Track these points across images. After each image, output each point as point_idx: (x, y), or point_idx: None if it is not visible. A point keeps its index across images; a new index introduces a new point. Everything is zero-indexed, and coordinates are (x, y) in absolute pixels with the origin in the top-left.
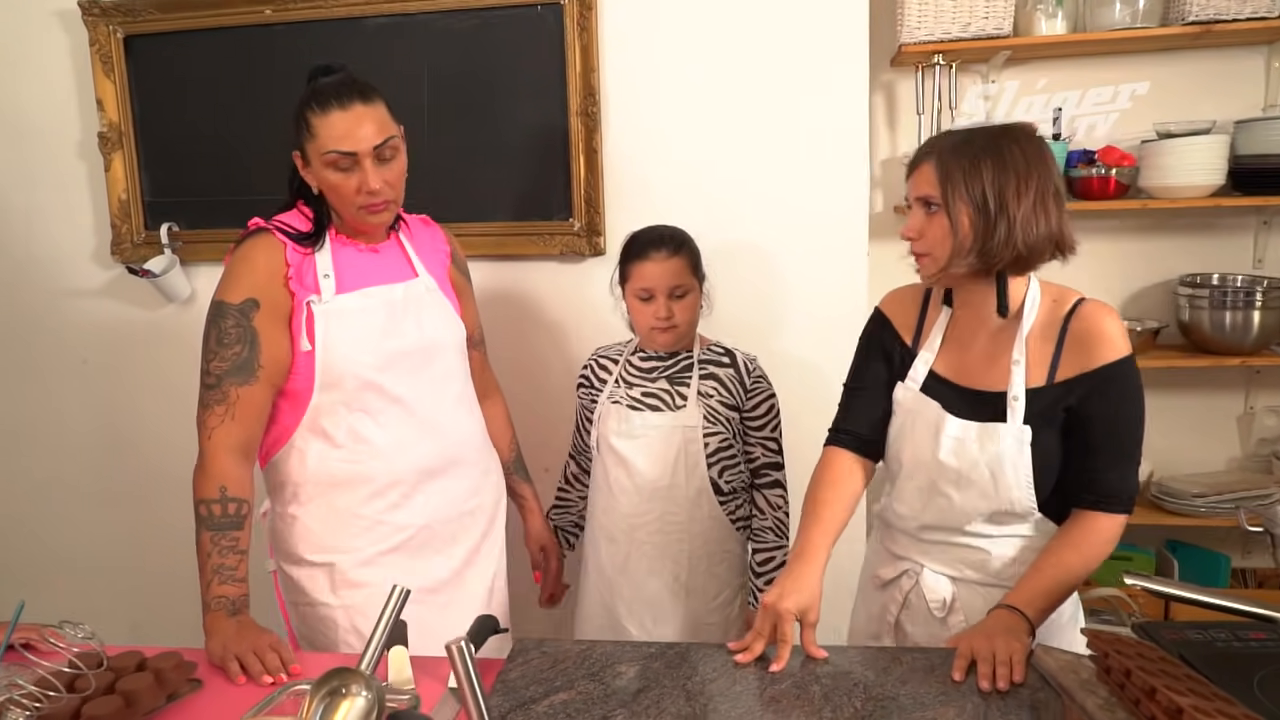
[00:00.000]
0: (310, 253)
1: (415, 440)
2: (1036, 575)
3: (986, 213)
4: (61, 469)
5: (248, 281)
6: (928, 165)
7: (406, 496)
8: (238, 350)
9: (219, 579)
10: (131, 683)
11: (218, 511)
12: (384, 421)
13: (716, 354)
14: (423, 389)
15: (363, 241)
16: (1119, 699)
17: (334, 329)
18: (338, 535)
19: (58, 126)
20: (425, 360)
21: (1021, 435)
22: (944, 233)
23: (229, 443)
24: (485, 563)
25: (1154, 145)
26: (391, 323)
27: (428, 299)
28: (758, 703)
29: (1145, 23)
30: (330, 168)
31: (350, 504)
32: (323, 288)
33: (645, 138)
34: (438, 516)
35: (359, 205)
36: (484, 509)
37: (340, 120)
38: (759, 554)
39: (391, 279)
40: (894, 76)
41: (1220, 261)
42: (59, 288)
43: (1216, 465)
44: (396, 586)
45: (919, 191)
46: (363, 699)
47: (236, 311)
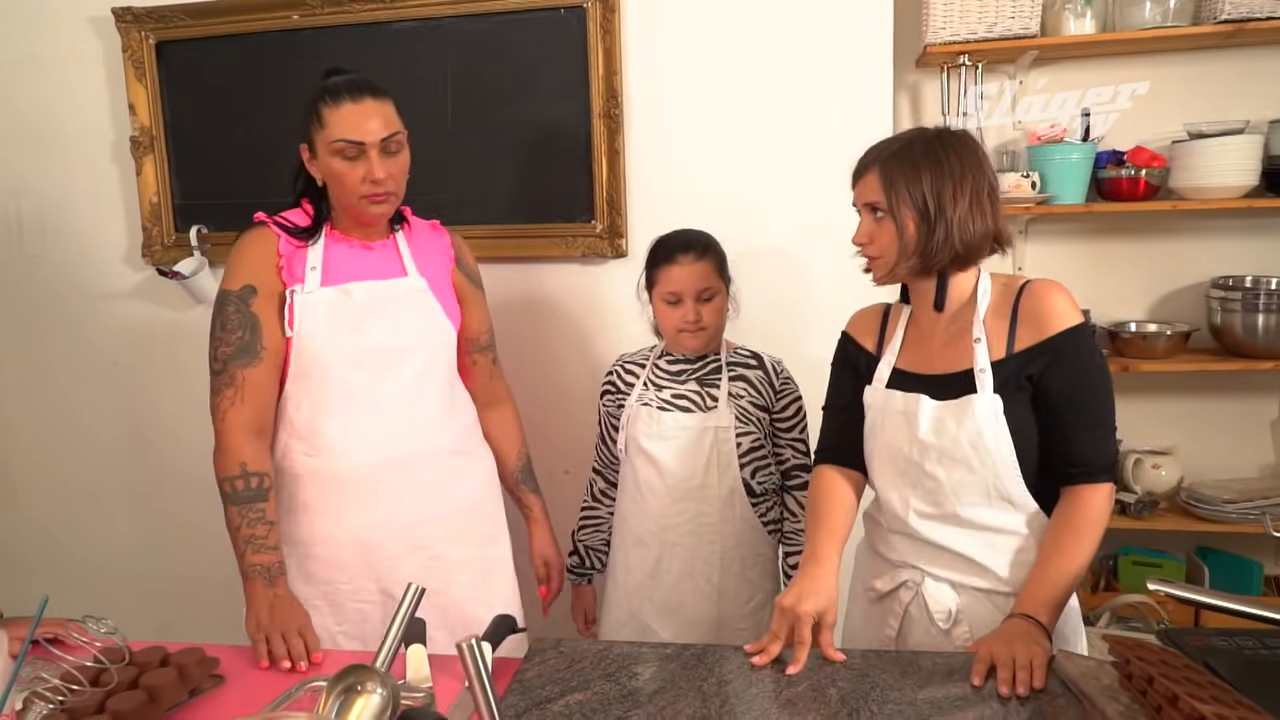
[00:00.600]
0: (304, 246)
1: (374, 439)
2: (1040, 574)
3: (928, 216)
4: (89, 470)
5: (244, 270)
6: (872, 174)
7: (360, 496)
8: (240, 335)
9: (251, 549)
10: (154, 678)
11: (240, 487)
12: (345, 419)
13: (744, 356)
14: (389, 388)
15: (357, 238)
16: (1141, 705)
17: (309, 318)
18: (296, 528)
19: (91, 131)
20: (396, 359)
21: (994, 404)
22: (891, 237)
23: (242, 423)
24: (465, 568)
25: (1185, 146)
26: (364, 320)
27: (411, 299)
28: (774, 705)
29: (1176, 21)
30: (338, 156)
31: (306, 498)
32: (308, 279)
33: (668, 140)
34: (394, 519)
35: (362, 194)
36: (453, 517)
37: (351, 112)
38: (792, 556)
39: (378, 276)
40: (919, 77)
41: (1253, 264)
42: (91, 290)
43: (1248, 471)
44: (411, 585)
45: (866, 199)
46: (378, 696)
47: (236, 298)
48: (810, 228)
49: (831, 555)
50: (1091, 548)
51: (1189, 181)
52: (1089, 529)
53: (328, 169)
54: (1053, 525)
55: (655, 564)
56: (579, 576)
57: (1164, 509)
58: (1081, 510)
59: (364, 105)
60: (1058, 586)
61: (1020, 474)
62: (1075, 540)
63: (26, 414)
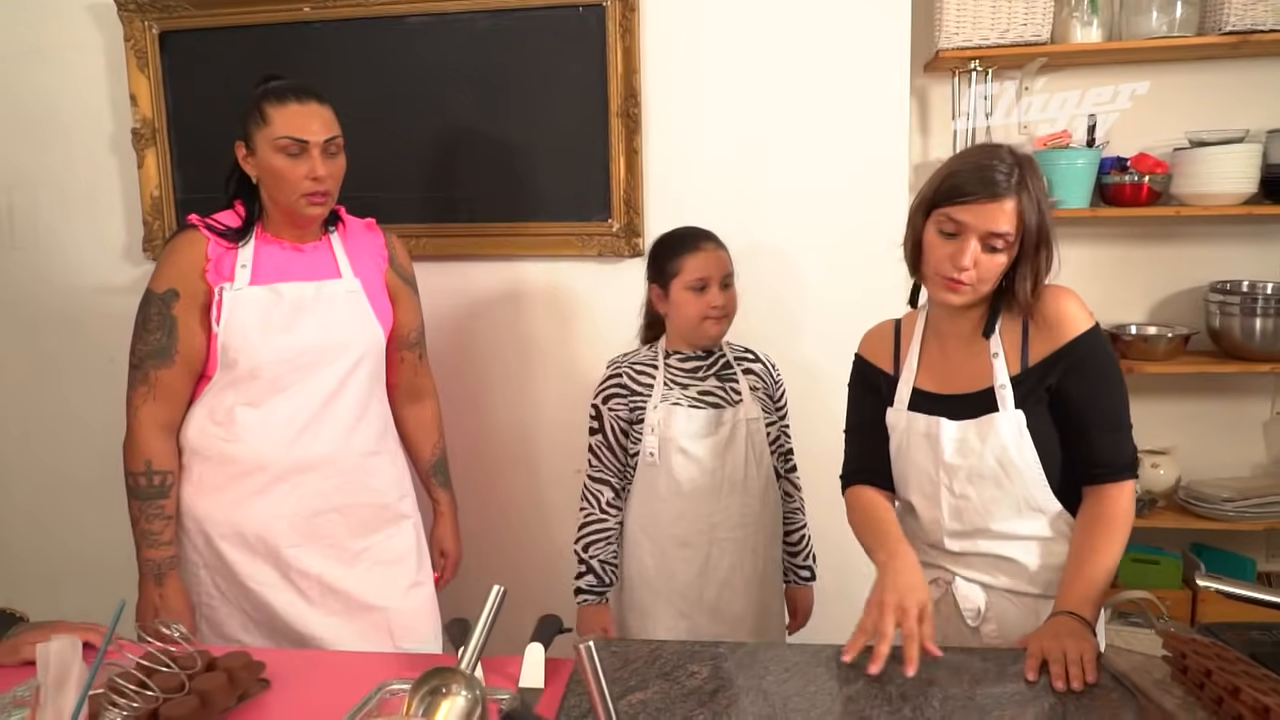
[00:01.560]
0: (234, 247)
1: (289, 434)
2: (1078, 573)
3: (1043, 245)
4: (84, 466)
5: (170, 273)
6: (1009, 201)
7: (270, 485)
8: (158, 336)
9: (146, 543)
10: (205, 682)
11: (144, 484)
12: (262, 411)
13: (741, 351)
14: (311, 387)
15: (289, 239)
16: (1197, 698)
17: (236, 316)
18: (205, 505)
19: (90, 122)
20: (321, 359)
21: (1017, 420)
22: (1000, 268)
23: (153, 419)
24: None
25: (1187, 153)
26: (293, 320)
27: (343, 300)
28: (836, 702)
29: (1182, 31)
30: (280, 153)
31: (216, 480)
32: (237, 277)
33: (686, 140)
34: (300, 510)
35: (302, 193)
36: (358, 512)
37: (297, 112)
38: (792, 533)
39: (309, 277)
40: (926, 81)
41: (1250, 269)
42: (89, 284)
43: (1242, 470)
44: (496, 587)
45: (994, 227)
46: (463, 699)
47: (159, 300)
48: (826, 229)
49: (911, 553)
50: (1123, 542)
51: (1190, 188)
52: (1119, 525)
53: (268, 166)
54: (1082, 524)
55: (704, 563)
56: (597, 596)
57: (1162, 507)
58: (1110, 508)
59: (309, 107)
60: (1095, 582)
61: (1048, 483)
62: (1108, 538)
63: (21, 408)
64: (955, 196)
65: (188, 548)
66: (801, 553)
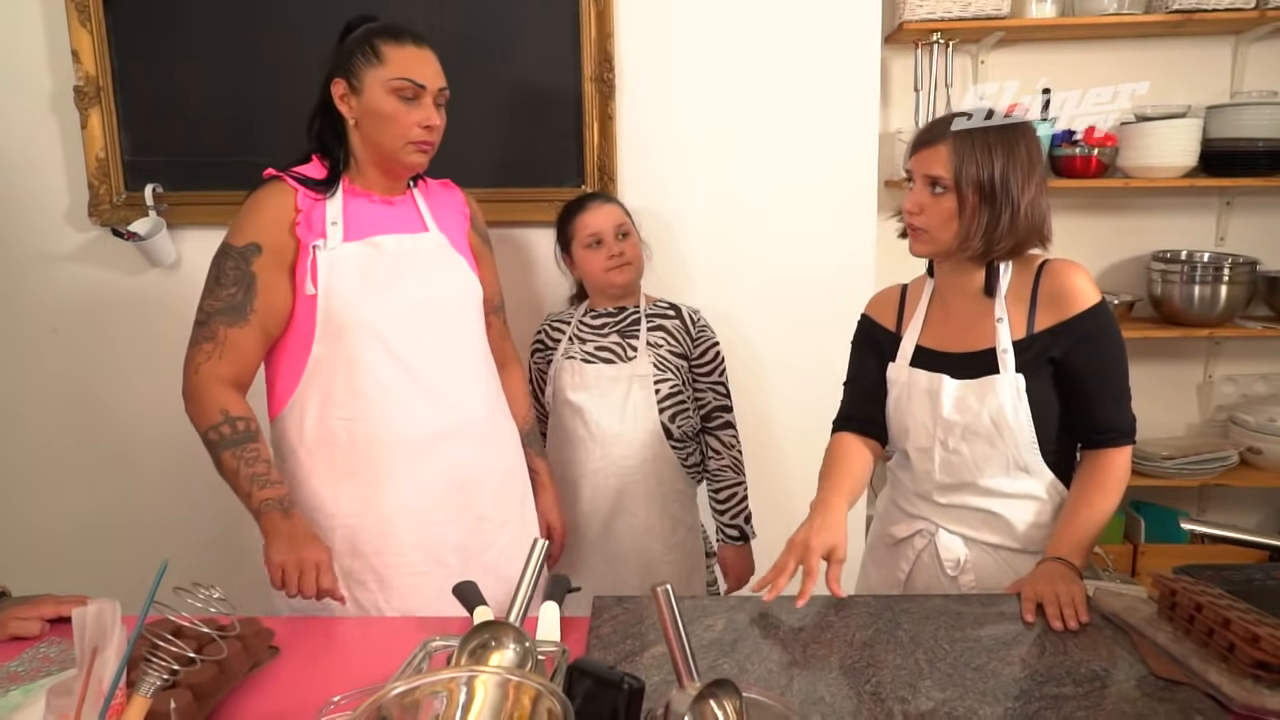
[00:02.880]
0: (322, 199)
1: (417, 401)
2: (1070, 523)
3: (994, 200)
4: (27, 445)
5: (252, 226)
6: (943, 146)
7: (408, 460)
8: (233, 292)
9: (257, 486)
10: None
11: (228, 432)
12: (385, 380)
13: (662, 308)
14: (428, 346)
15: (377, 193)
16: (1187, 632)
17: (336, 275)
18: (337, 498)
19: (27, 79)
20: (430, 316)
21: (1017, 383)
22: (948, 214)
23: (218, 375)
24: (506, 529)
25: (1133, 127)
26: (395, 274)
27: (438, 254)
28: (852, 647)
29: (1132, 9)
30: (395, 95)
31: (350, 466)
32: (330, 234)
33: (660, 106)
34: (443, 483)
35: (411, 139)
36: (495, 476)
37: (416, 55)
38: (722, 491)
39: (401, 230)
40: (888, 53)
41: (1190, 239)
42: (26, 251)
43: (1177, 430)
44: (537, 540)
45: (929, 170)
46: (512, 651)
47: (238, 254)
48: (796, 195)
49: (840, 503)
50: (1115, 503)
51: (1136, 160)
52: (1114, 486)
53: (376, 109)
54: (1079, 482)
55: (588, 506)
56: None
57: None
58: (1108, 469)
59: (425, 52)
60: (1086, 533)
61: (1039, 447)
62: (1102, 496)
63: None
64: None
65: None
66: (728, 511)
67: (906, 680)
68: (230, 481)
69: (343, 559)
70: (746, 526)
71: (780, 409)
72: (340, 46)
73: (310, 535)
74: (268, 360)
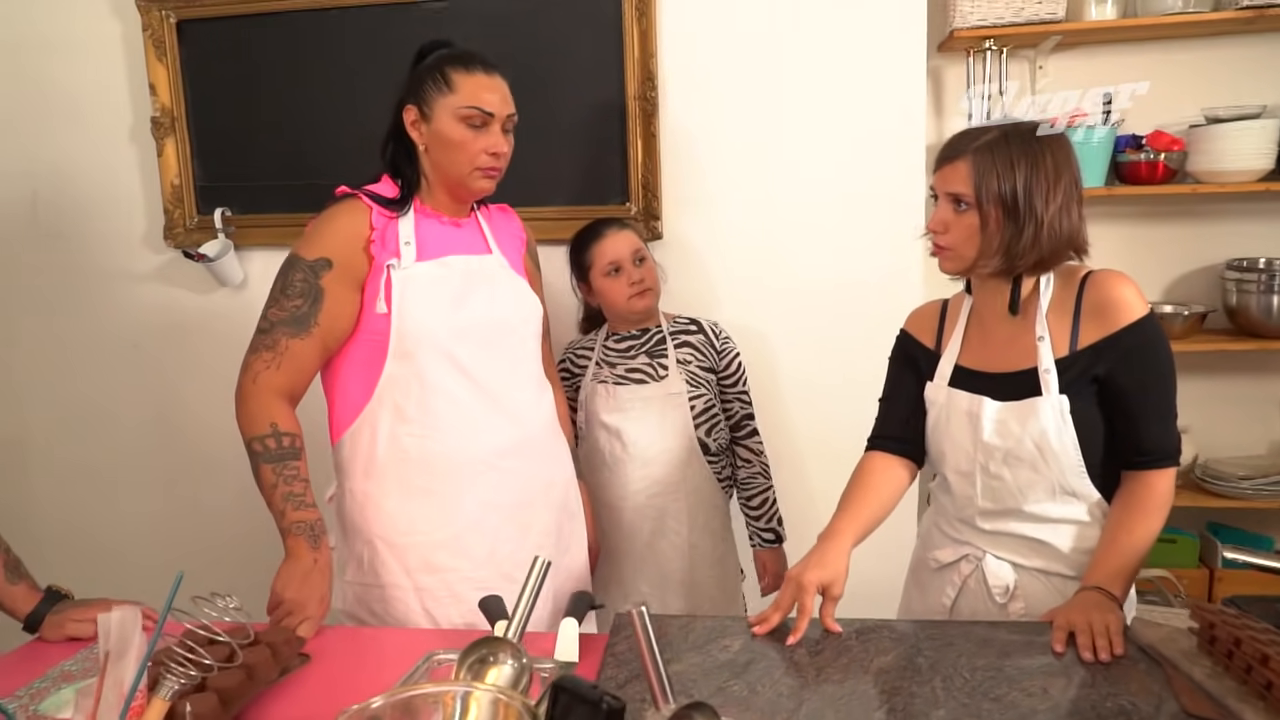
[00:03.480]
0: (395, 218)
1: (487, 417)
2: (1110, 550)
3: (1016, 214)
4: (107, 454)
5: (326, 242)
6: (962, 162)
7: (479, 476)
8: (299, 303)
9: (292, 505)
10: (249, 656)
11: (273, 445)
12: (457, 397)
13: (683, 324)
14: (495, 364)
15: (446, 214)
16: (1226, 668)
17: (410, 294)
18: (411, 515)
19: (110, 111)
20: (497, 335)
21: (1061, 405)
22: (971, 231)
23: (273, 386)
24: (566, 544)
25: (1202, 130)
26: (465, 293)
27: (501, 275)
28: (867, 673)
29: (1197, 7)
30: (464, 123)
31: (424, 483)
32: (403, 254)
33: (703, 123)
34: (511, 498)
35: (478, 166)
36: (555, 490)
37: (485, 82)
38: (753, 497)
39: (468, 251)
40: (940, 62)
41: (1267, 246)
42: (110, 272)
43: (1259, 449)
44: (538, 558)
45: (950, 188)
46: (509, 667)
47: (307, 267)
48: (843, 210)
49: (847, 534)
50: (1158, 527)
51: (1206, 165)
52: (1156, 510)
53: (445, 136)
54: (1120, 505)
55: (630, 528)
56: None
57: (1179, 486)
58: (1150, 492)
59: (494, 79)
60: (1127, 560)
61: (1085, 469)
62: (1145, 520)
63: (44, 396)
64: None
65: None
66: (763, 516)
67: (919, 709)
68: (266, 495)
69: (418, 576)
70: (780, 529)
71: (828, 425)
72: (413, 72)
73: (324, 580)
74: (332, 379)
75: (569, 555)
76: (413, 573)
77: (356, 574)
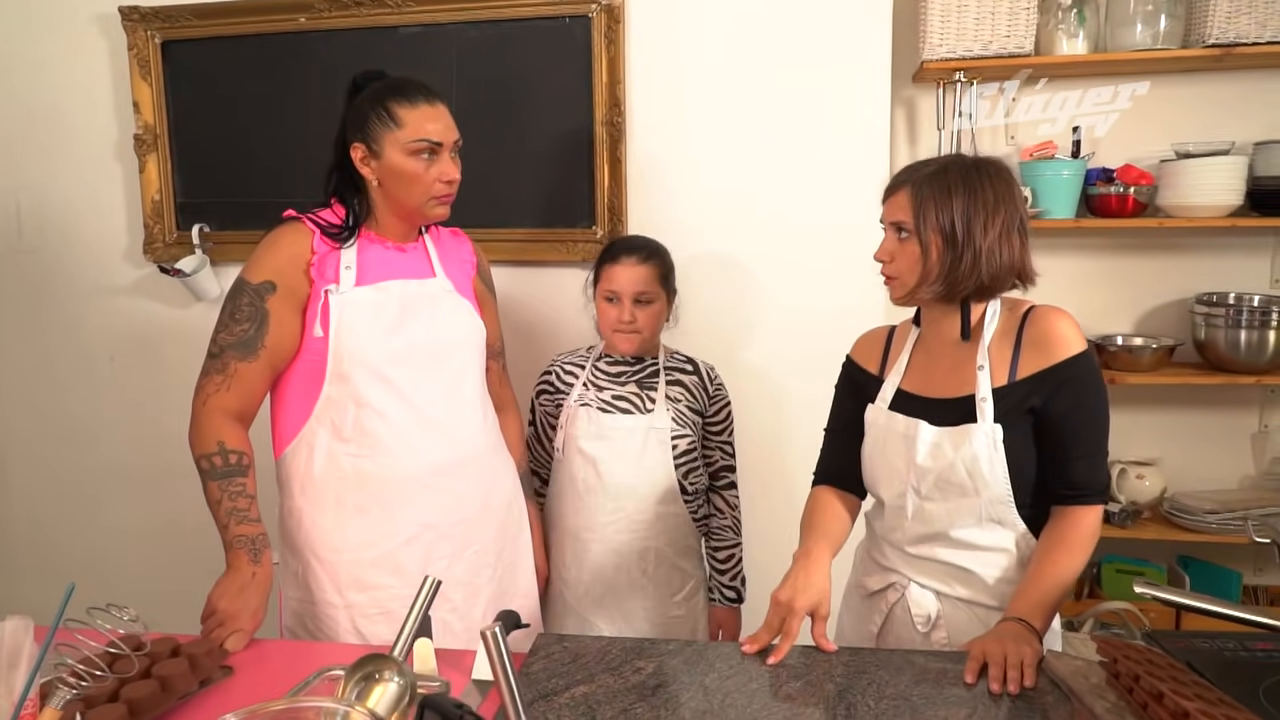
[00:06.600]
0: (337, 247)
1: (422, 438)
2: (1034, 583)
3: (954, 242)
4: (84, 465)
5: (270, 264)
6: (903, 192)
7: (414, 495)
8: (245, 327)
9: (235, 520)
10: (166, 668)
11: (219, 463)
12: (392, 418)
13: (680, 362)
14: (433, 387)
15: (392, 240)
16: (1127, 703)
17: (347, 319)
18: (345, 532)
19: (95, 128)
20: (436, 357)
21: (993, 433)
22: (914, 259)
23: (223, 407)
24: (512, 563)
25: (1172, 165)
26: (403, 318)
27: (443, 298)
28: (774, 699)
29: (1166, 44)
30: (414, 156)
31: (358, 500)
32: (343, 279)
33: (669, 148)
34: (446, 517)
35: (433, 195)
36: (495, 511)
37: (429, 114)
38: (720, 551)
39: (410, 275)
40: (915, 92)
41: (1236, 281)
42: (90, 285)
43: (1229, 483)
44: (428, 577)
45: (893, 217)
46: (395, 684)
47: (253, 290)
48: (808, 236)
49: (824, 553)
50: (1082, 563)
51: (1176, 200)
52: (1081, 546)
53: (397, 170)
54: (1046, 540)
55: (592, 559)
56: None
57: (1147, 518)
58: (1075, 528)
59: (437, 108)
60: (1049, 594)
61: (1014, 500)
62: (1068, 555)
63: (21, 406)
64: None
65: (316, 590)
66: (727, 572)
67: None
68: (212, 510)
69: (348, 593)
70: (742, 589)
71: (786, 452)
72: (352, 106)
73: (260, 594)
74: (275, 397)
75: (516, 573)
76: (344, 590)
77: (294, 590)
